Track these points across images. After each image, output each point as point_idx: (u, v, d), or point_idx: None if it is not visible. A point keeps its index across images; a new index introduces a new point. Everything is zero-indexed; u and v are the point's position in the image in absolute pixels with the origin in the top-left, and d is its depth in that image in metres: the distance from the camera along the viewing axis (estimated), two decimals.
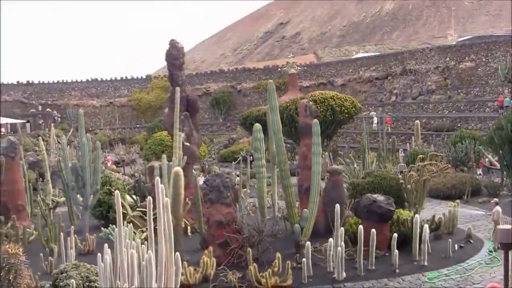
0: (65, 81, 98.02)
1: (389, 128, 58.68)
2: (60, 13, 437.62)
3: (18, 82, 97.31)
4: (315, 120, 21.99)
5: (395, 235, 19.47)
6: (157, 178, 11.27)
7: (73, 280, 16.35)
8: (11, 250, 9.25)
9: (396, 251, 18.93)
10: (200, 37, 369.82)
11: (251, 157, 38.88)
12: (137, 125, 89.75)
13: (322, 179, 24.90)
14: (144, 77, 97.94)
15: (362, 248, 18.69)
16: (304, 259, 18.44)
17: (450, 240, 20.99)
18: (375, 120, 61.76)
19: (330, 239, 18.96)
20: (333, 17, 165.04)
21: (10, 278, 9.17)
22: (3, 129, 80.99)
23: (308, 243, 19.02)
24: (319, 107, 44.63)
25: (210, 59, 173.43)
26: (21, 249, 9.39)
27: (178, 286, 11.44)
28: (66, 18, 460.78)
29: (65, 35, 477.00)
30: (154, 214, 10.92)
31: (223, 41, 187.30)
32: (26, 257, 10.28)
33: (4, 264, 9.16)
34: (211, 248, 19.65)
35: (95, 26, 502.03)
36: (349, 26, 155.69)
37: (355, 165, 34.27)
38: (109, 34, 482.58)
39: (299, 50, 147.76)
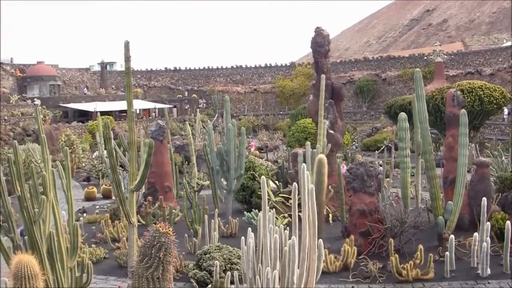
0: (210, 67, 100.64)
1: None
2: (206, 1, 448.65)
3: (166, 68, 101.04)
4: (463, 110, 21.38)
5: None
6: (303, 165, 11.36)
7: (216, 261, 16.84)
8: (162, 229, 9.63)
9: None
10: (345, 25, 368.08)
11: (395, 146, 38.34)
12: (281, 112, 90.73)
13: (468, 171, 24.20)
14: (288, 64, 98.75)
15: (509, 245, 18.04)
16: (447, 253, 18.03)
17: None
18: (506, 111, 59.44)
19: (475, 234, 18.42)
20: (482, 3, 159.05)
21: (160, 255, 9.55)
22: (153, 114, 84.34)
23: (452, 236, 18.56)
24: (466, 97, 43.46)
25: (354, 47, 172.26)
26: (171, 229, 9.75)
27: (320, 272, 11.52)
28: (213, 7, 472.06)
29: (211, 22, 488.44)
30: (298, 200, 11.02)
31: (368, 28, 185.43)
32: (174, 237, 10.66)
33: (155, 242, 9.56)
34: (352, 236, 19.62)
35: (240, 14, 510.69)
36: (499, 12, 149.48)
37: (503, 158, 33.06)
38: (254, 21, 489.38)
39: (445, 38, 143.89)
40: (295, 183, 11.04)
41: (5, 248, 13.73)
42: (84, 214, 29.33)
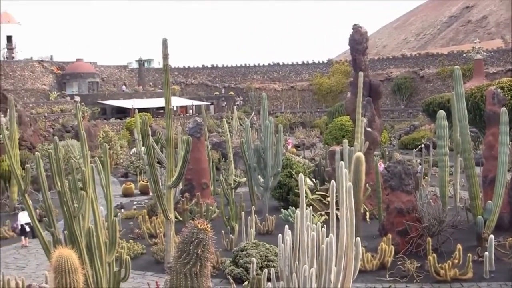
0: (247, 65, 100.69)
1: None
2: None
3: (203, 65, 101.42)
4: (503, 109, 21.12)
5: None
6: (341, 163, 11.32)
7: (253, 258, 16.85)
8: (200, 226, 9.66)
9: None
10: (383, 22, 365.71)
11: (433, 144, 37.99)
12: (318, 109, 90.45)
13: (509, 170, 23.89)
14: (325, 61, 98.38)
15: None
16: (486, 253, 17.82)
17: None
18: None
19: None
20: None
21: (198, 252, 9.58)
22: (190, 111, 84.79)
23: (491, 236, 18.36)
24: (507, 95, 42.80)
25: (392, 44, 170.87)
26: (209, 225, 9.79)
27: (357, 271, 11.46)
28: (250, 4, 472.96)
29: (248, 20, 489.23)
30: (335, 198, 10.97)
31: (406, 25, 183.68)
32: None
33: (193, 239, 9.59)
34: (389, 235, 19.51)
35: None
36: None
37: None
38: (289, 19, 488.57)
39: (485, 34, 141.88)
40: (333, 181, 11.00)
41: (46, 242, 13.92)
42: (122, 210, 29.63)
